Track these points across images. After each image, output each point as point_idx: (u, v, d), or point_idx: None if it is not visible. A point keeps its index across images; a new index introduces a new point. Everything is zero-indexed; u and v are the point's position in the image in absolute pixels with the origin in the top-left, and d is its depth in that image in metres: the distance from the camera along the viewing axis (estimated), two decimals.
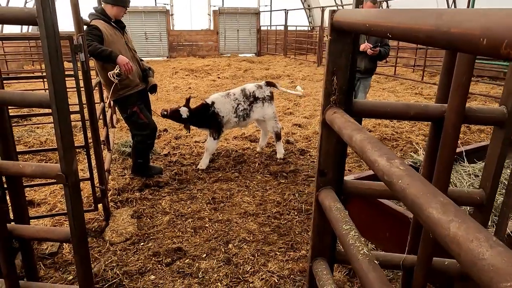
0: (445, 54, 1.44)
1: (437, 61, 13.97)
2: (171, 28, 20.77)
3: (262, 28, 22.10)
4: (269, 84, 4.92)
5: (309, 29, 22.06)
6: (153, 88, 4.10)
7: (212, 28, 21.60)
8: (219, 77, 11.95)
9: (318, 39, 15.91)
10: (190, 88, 10.10)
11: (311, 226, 1.64)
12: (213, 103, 4.62)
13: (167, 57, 20.36)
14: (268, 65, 15.94)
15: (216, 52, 21.44)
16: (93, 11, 3.83)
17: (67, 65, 13.88)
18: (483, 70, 11.71)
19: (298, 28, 20.43)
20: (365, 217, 2.74)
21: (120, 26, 3.91)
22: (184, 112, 4.49)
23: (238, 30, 21.88)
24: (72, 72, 2.70)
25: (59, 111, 1.61)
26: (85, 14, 3.45)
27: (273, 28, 21.36)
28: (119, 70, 3.65)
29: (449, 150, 1.41)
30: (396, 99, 8.77)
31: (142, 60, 4.23)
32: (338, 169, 1.52)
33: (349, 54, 1.37)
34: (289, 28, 19.48)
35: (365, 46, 5.11)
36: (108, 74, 3.64)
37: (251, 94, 4.74)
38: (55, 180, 1.75)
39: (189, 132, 4.75)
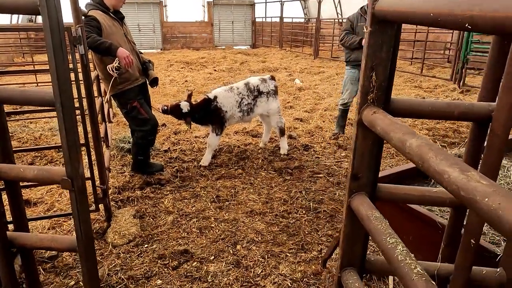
0: (493, 45, 1.31)
1: (434, 54, 13.89)
2: (165, 20, 20.42)
3: (257, 20, 21.83)
4: (273, 78, 4.77)
5: (305, 21, 21.82)
6: (154, 82, 3.93)
7: (206, 19, 21.29)
8: (215, 70, 11.75)
9: (315, 31, 15.70)
10: (186, 81, 9.89)
11: (341, 235, 1.52)
12: (215, 97, 4.47)
13: (161, 49, 20.04)
14: (264, 57, 15.74)
15: (211, 44, 21.17)
16: (90, 0, 3.64)
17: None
18: (481, 63, 11.66)
19: (294, 20, 20.18)
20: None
21: (118, 17, 3.72)
22: (185, 106, 4.33)
23: (232, 22, 21.61)
24: (70, 66, 2.53)
25: (64, 109, 1.46)
26: (82, 4, 3.26)
27: (268, 20, 21.09)
28: (118, 64, 3.47)
29: (496, 153, 1.29)
30: (396, 92, 8.67)
31: (141, 53, 4.05)
32: (372, 173, 1.40)
33: (390, 47, 1.24)
34: (284, 20, 19.23)
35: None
36: (107, 67, 3.47)
37: (255, 88, 4.59)
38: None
39: (190, 128, 4.60)
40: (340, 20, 18.98)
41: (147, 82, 4.00)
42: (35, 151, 4.69)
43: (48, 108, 3.15)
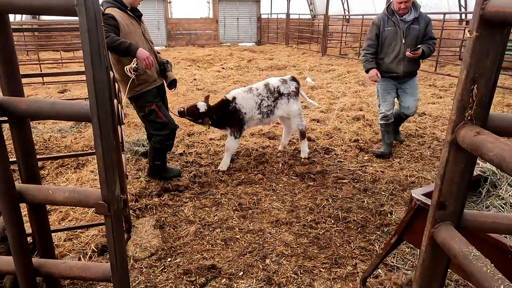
0: None
1: (444, 51, 13.63)
2: (169, 16, 20.20)
3: (263, 16, 21.58)
4: (294, 79, 4.56)
5: (311, 17, 21.56)
6: (173, 83, 3.73)
7: (211, 16, 21.05)
8: (223, 68, 11.53)
9: (322, 28, 15.45)
10: (195, 79, 9.69)
11: (417, 268, 1.32)
12: (234, 98, 4.27)
13: (165, 46, 19.84)
14: (271, 54, 15.53)
15: (216, 41, 20.95)
16: None
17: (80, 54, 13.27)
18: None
19: (301, 17, 19.91)
20: None
21: (136, 15, 3.52)
22: (202, 106, 4.13)
23: (238, 18, 21.37)
24: None
25: (101, 126, 1.28)
26: None
27: (274, 16, 20.84)
28: (136, 64, 3.28)
29: None
30: None
31: (159, 53, 3.86)
32: (461, 200, 1.20)
33: (497, 56, 1.04)
34: (291, 17, 18.98)
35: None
36: (125, 68, 3.27)
37: (276, 89, 4.39)
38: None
39: (209, 128, 4.35)
40: (347, 17, 18.72)
41: (165, 84, 3.80)
42: (61, 158, 4.41)
43: None
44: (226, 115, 4.26)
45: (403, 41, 4.35)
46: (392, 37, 4.42)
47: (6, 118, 1.48)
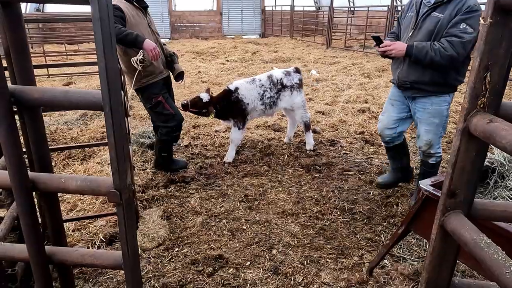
0: None
1: None
2: (173, 9, 20.10)
3: (267, 8, 21.43)
4: (297, 71, 4.55)
5: (316, 9, 21.40)
6: (180, 76, 3.73)
7: (215, 8, 20.92)
8: (228, 60, 11.50)
9: (327, 20, 15.34)
10: (199, 72, 9.68)
11: (427, 257, 1.33)
12: (237, 88, 4.27)
13: (169, 38, 19.77)
14: (275, 47, 15.44)
15: (220, 34, 20.84)
16: None
17: (87, 46, 13.26)
18: None
19: (305, 9, 19.76)
20: None
21: (142, 6, 3.52)
22: (205, 96, 4.13)
23: (242, 10, 21.22)
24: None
25: (113, 114, 1.28)
26: None
27: (278, 8, 20.69)
28: (143, 56, 3.28)
29: None
30: None
31: (165, 44, 3.86)
32: (472, 189, 1.21)
33: (511, 43, 1.04)
34: (295, 9, 18.84)
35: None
36: (132, 60, 3.28)
37: (279, 81, 4.38)
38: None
39: (214, 116, 4.29)
40: (352, 9, 18.56)
41: (172, 76, 3.80)
42: (75, 148, 4.40)
43: None
44: (228, 105, 4.26)
45: (409, 34, 3.02)
46: (405, 27, 3.15)
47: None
